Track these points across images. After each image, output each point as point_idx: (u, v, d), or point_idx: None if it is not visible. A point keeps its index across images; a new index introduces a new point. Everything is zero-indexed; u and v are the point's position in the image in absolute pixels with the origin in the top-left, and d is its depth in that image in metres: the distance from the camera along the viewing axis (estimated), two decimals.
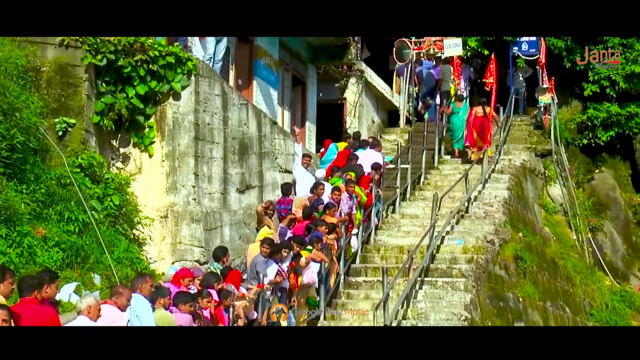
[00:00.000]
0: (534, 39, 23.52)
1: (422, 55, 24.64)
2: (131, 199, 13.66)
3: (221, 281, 11.88)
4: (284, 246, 13.53)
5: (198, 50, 16.15)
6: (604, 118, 23.57)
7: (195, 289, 11.44)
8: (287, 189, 16.67)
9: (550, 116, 23.21)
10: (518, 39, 23.82)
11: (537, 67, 23.73)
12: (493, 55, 23.11)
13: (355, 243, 16.47)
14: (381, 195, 18.23)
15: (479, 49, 24.44)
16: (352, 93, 23.36)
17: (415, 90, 24.81)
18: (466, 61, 24.73)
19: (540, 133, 23.60)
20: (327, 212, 15.49)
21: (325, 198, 16.09)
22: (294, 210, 15.71)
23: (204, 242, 14.36)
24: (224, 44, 16.76)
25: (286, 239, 14.32)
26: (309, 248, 14.08)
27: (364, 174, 17.83)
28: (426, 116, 23.79)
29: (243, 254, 14.74)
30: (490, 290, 15.85)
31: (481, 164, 20.21)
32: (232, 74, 18.48)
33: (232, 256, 14.03)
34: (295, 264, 13.59)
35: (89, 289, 10.94)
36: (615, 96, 23.65)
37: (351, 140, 19.86)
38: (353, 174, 17.27)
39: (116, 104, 13.81)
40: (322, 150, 19.89)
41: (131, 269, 12.29)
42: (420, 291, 15.05)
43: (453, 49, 23.38)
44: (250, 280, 12.90)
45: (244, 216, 16.02)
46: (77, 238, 11.73)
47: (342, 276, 15.48)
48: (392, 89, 25.49)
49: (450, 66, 23.84)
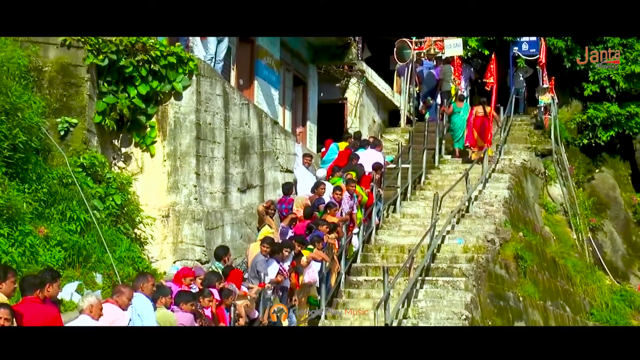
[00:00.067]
0: (534, 39, 23.52)
1: (422, 55, 24.66)
2: (133, 198, 13.69)
3: (222, 280, 11.90)
4: (285, 245, 13.56)
5: (199, 50, 16.15)
6: (604, 118, 23.58)
7: (197, 288, 11.46)
8: (288, 188, 16.67)
9: (551, 116, 23.22)
10: (518, 39, 23.83)
11: (537, 67, 23.74)
12: (493, 55, 23.12)
13: (356, 242, 16.49)
14: (382, 194, 18.24)
15: (480, 49, 24.46)
16: (353, 93, 23.35)
17: (415, 90, 24.83)
18: (467, 61, 24.75)
19: (540, 133, 23.61)
20: (328, 211, 15.50)
21: (326, 197, 16.11)
22: (295, 210, 15.71)
23: (205, 241, 14.38)
24: (225, 44, 16.77)
25: (287, 238, 14.34)
26: (310, 247, 14.09)
27: (364, 174, 17.86)
28: (427, 116, 23.80)
29: (244, 253, 14.74)
30: (491, 290, 15.87)
31: (482, 163, 20.22)
32: (233, 74, 18.49)
33: (233, 255, 14.04)
34: (297, 263, 13.61)
35: (90, 288, 10.96)
36: (615, 96, 23.66)
37: (352, 140, 19.87)
38: (354, 173, 17.31)
39: (118, 103, 13.83)
40: (323, 150, 19.90)
41: (133, 268, 12.33)
42: (421, 290, 15.07)
43: (453, 49, 23.40)
44: (251, 280, 12.91)
45: (245, 215, 16.04)
46: (78, 237, 11.76)
47: (343, 275, 15.49)
48: (392, 88, 25.48)
49: (451, 66, 23.86)
